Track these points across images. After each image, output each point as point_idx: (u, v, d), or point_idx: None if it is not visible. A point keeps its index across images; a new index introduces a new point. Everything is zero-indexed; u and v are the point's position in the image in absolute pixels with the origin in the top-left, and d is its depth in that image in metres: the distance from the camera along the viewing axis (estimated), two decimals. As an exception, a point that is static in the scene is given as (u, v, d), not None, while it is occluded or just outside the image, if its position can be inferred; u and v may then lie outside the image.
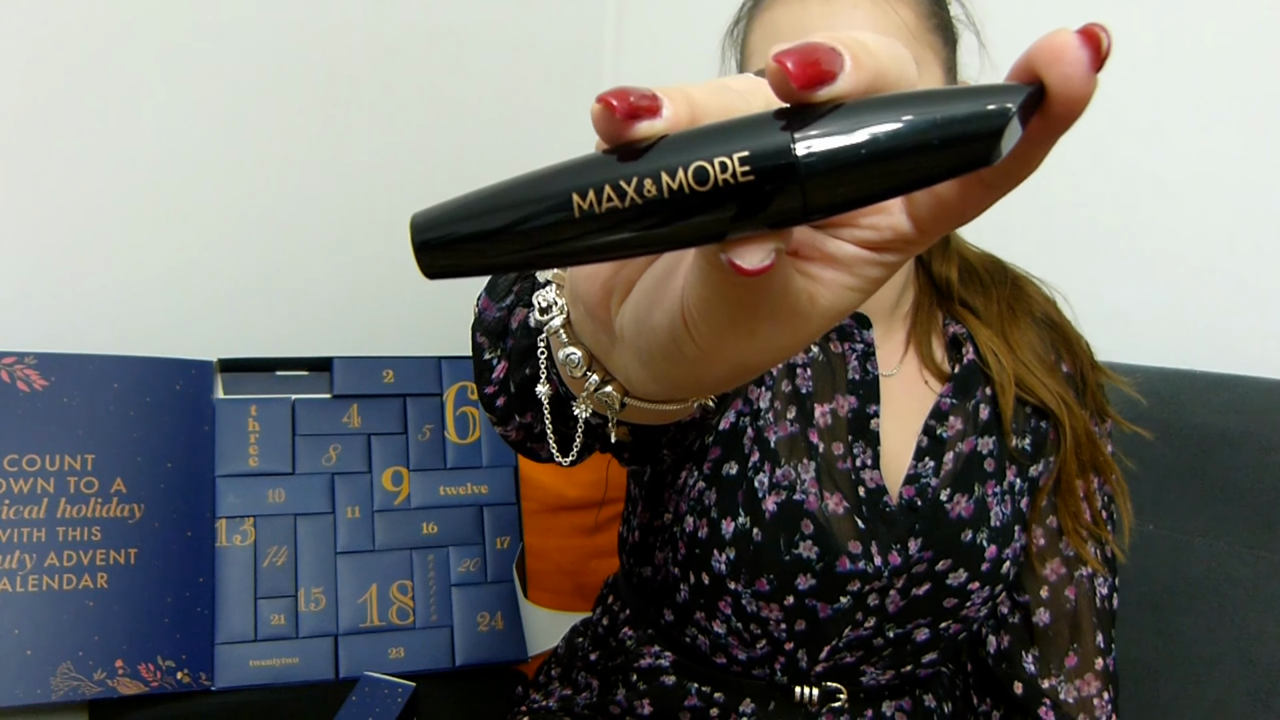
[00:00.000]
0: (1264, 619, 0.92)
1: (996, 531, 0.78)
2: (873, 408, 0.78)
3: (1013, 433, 0.81)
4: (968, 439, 0.79)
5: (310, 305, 1.35)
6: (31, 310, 1.12)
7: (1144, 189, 1.15)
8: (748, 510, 0.76)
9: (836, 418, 0.78)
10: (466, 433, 1.19)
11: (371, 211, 1.41)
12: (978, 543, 0.78)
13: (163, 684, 1.00)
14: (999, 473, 0.80)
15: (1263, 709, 0.90)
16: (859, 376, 0.79)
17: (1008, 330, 0.83)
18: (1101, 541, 0.86)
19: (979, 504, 0.78)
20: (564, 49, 1.60)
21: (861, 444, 0.78)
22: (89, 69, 1.13)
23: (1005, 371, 0.81)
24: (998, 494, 0.79)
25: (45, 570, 0.99)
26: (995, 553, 0.78)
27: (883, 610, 0.78)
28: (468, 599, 1.13)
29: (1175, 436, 0.98)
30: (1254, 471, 0.94)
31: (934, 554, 0.77)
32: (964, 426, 0.80)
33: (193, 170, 1.23)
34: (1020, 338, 0.83)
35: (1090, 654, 0.84)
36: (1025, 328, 0.84)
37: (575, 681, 0.93)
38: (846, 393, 0.78)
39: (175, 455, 1.08)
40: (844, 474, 0.77)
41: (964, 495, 0.78)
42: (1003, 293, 0.85)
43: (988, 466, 0.80)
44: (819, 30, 0.59)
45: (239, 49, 1.24)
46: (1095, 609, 0.85)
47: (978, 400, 0.81)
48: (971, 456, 0.79)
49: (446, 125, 1.46)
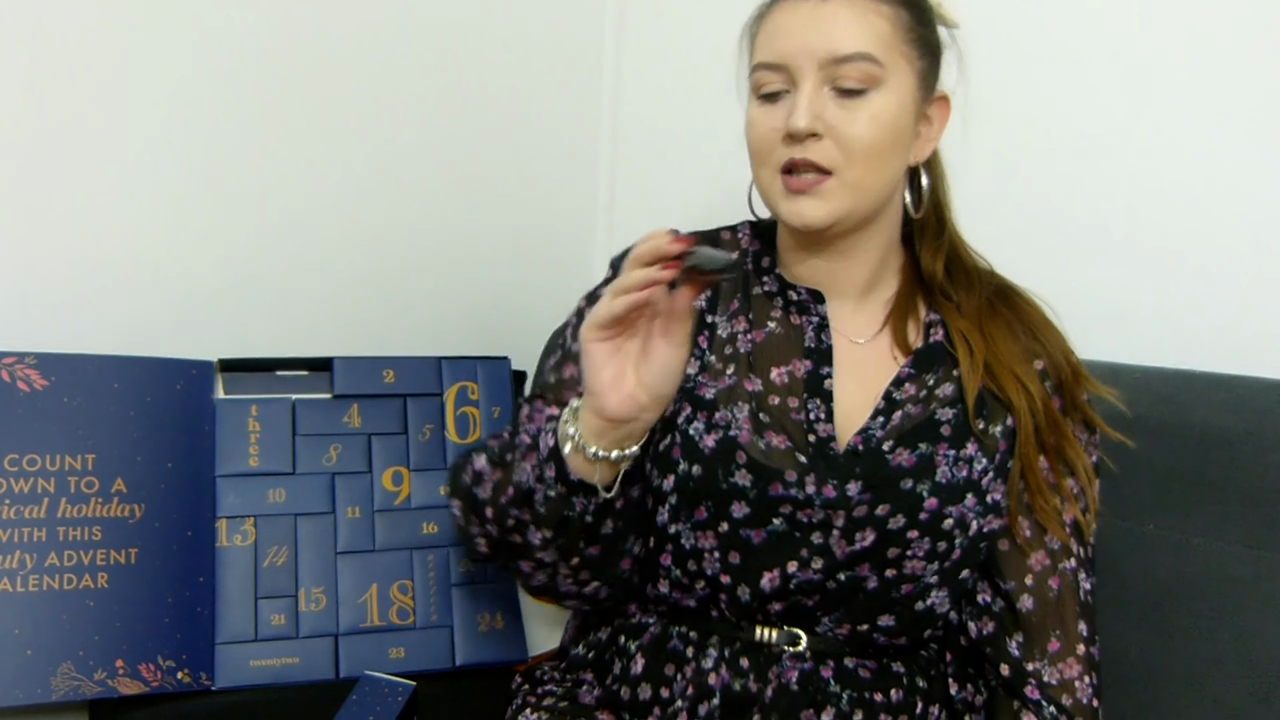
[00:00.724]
0: (1264, 619, 0.92)
1: (940, 487, 0.84)
2: (825, 369, 0.88)
3: (979, 416, 0.87)
4: (918, 405, 0.87)
5: (311, 305, 1.35)
6: (32, 310, 1.13)
7: (1144, 189, 1.15)
8: (686, 457, 0.86)
9: (793, 378, 0.88)
10: (467, 433, 1.19)
11: (372, 212, 1.41)
12: (917, 491, 0.84)
13: (163, 684, 1.00)
14: (955, 441, 0.86)
15: (1263, 709, 0.90)
16: (814, 345, 0.89)
17: (984, 323, 0.89)
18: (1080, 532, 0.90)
19: (923, 458, 0.85)
20: (564, 49, 1.60)
21: (816, 400, 0.87)
22: (89, 69, 1.13)
23: (975, 357, 0.87)
24: (949, 457, 0.85)
25: (46, 570, 0.99)
26: (936, 505, 0.84)
27: (828, 552, 0.85)
28: (468, 599, 1.13)
29: (1175, 436, 0.98)
30: (1254, 471, 0.94)
31: (873, 497, 0.84)
32: (917, 393, 0.87)
33: (193, 171, 1.23)
34: (995, 331, 0.89)
35: (1073, 640, 0.88)
36: (1002, 325, 0.90)
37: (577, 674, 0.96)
38: (803, 358, 0.89)
39: (176, 455, 1.08)
40: (796, 424, 0.86)
41: (907, 449, 0.85)
42: (985, 292, 0.92)
43: (943, 431, 0.86)
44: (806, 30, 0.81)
45: (239, 50, 1.24)
46: (1079, 600, 0.89)
47: (939, 376, 0.88)
48: (925, 421, 0.86)
49: (447, 125, 1.46)
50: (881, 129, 0.82)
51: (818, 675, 0.87)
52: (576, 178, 1.66)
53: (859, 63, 0.80)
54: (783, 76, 0.83)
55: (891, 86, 0.82)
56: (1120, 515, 1.01)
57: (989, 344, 0.88)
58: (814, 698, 0.86)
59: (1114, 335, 1.17)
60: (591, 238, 1.70)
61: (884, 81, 0.81)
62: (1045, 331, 0.91)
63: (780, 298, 0.92)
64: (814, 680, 0.87)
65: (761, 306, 0.92)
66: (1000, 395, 0.87)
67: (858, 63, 0.80)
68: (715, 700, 0.85)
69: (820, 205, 0.83)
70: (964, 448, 0.86)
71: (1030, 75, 1.23)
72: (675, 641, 0.90)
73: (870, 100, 0.81)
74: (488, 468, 0.88)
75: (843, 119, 0.81)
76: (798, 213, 0.83)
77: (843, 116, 0.81)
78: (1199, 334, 1.11)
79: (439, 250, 1.49)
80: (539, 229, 1.62)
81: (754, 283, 0.93)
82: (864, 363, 0.89)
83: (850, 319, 0.91)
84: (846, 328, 0.91)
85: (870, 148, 0.81)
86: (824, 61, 0.81)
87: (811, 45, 0.81)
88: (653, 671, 0.89)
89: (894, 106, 0.82)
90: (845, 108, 0.81)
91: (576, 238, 1.68)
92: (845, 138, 0.81)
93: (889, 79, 0.82)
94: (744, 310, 0.92)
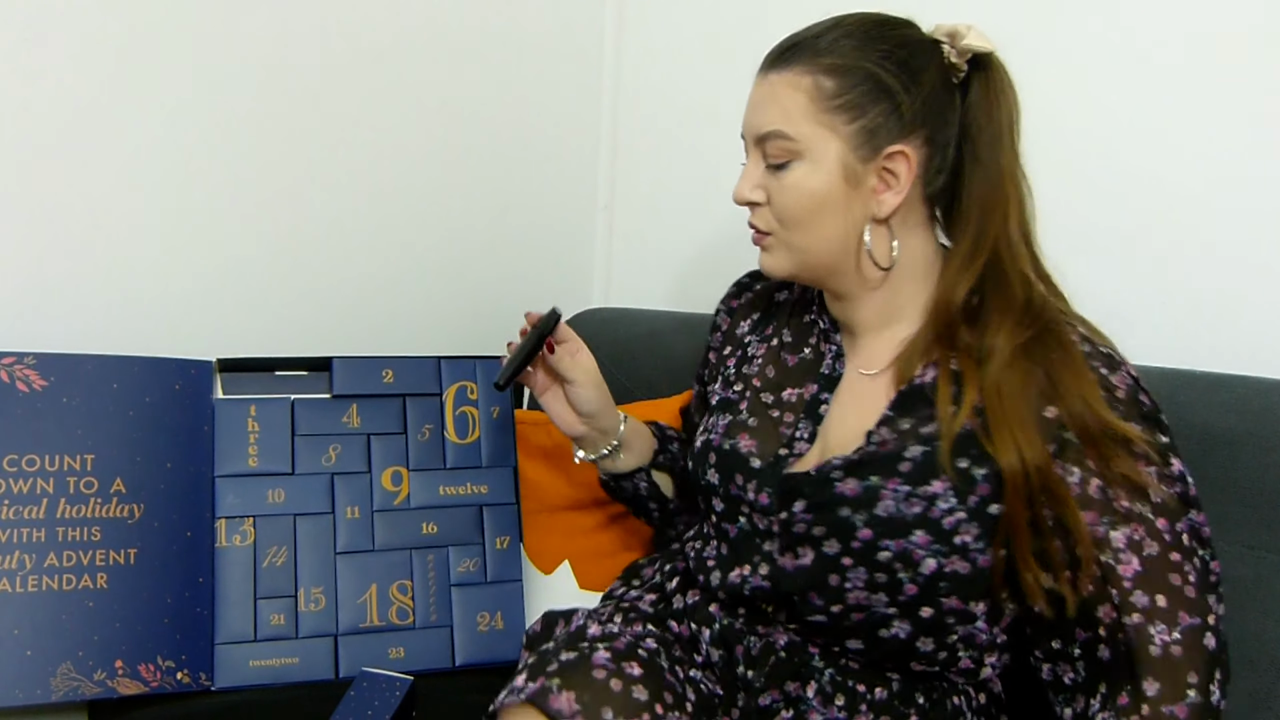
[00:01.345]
0: (1264, 619, 0.92)
1: (878, 519, 0.84)
2: (826, 395, 0.94)
3: (963, 455, 0.83)
4: (887, 444, 0.87)
5: (310, 305, 1.35)
6: (31, 311, 1.13)
7: (1144, 190, 1.15)
8: (690, 457, 1.02)
9: (800, 398, 0.96)
10: (466, 433, 1.19)
11: (371, 212, 1.41)
12: (853, 521, 0.85)
13: (163, 684, 1.00)
14: (915, 478, 0.84)
15: (1263, 709, 0.90)
16: (828, 371, 0.96)
17: (1002, 370, 0.84)
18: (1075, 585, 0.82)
19: (868, 490, 0.85)
20: (564, 49, 1.60)
21: (808, 421, 0.94)
22: (91, 71, 1.13)
23: (963, 400, 0.84)
24: (900, 493, 0.84)
25: (45, 570, 0.99)
26: (870, 536, 0.84)
27: (774, 562, 0.90)
28: (467, 599, 1.13)
29: (1175, 436, 0.98)
30: (1254, 471, 0.94)
31: (813, 518, 0.87)
32: (889, 436, 0.87)
33: (192, 171, 1.23)
34: (1010, 382, 0.83)
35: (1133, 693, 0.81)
36: (1020, 375, 0.83)
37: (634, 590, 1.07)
38: (814, 381, 0.96)
39: (175, 455, 1.08)
40: (779, 435, 0.94)
41: (855, 479, 0.86)
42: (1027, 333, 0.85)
43: (901, 468, 0.85)
44: (751, 107, 0.90)
45: (239, 52, 1.24)
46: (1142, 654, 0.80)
47: (916, 419, 0.87)
48: (885, 456, 0.86)
49: (447, 126, 1.47)
50: (803, 196, 0.87)
51: (805, 649, 0.90)
52: (576, 178, 1.66)
53: (773, 140, 0.87)
54: (747, 145, 0.92)
55: (810, 158, 0.86)
56: (1120, 515, 1.01)
57: (995, 395, 0.83)
58: (798, 670, 0.90)
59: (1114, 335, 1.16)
60: (591, 238, 1.70)
61: (802, 154, 0.87)
62: (1069, 378, 0.83)
63: (817, 325, 0.99)
64: (800, 653, 0.90)
65: (804, 332, 1.00)
66: (988, 446, 0.82)
67: (772, 140, 0.87)
68: (716, 627, 0.94)
69: (770, 259, 0.92)
70: (926, 485, 0.83)
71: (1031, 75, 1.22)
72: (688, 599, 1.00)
73: (791, 171, 0.87)
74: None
75: (774, 189, 0.88)
76: (760, 263, 0.94)
77: (774, 186, 0.88)
78: (1199, 334, 1.11)
79: (438, 250, 1.49)
80: (539, 229, 1.62)
81: (805, 311, 1.01)
82: (866, 395, 0.92)
83: (866, 351, 0.94)
84: (861, 358, 0.94)
85: (795, 215, 0.88)
86: (755, 138, 0.89)
87: (750, 122, 0.90)
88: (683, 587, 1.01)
89: (814, 175, 0.86)
90: (776, 178, 0.88)
91: (576, 238, 1.69)
92: (776, 206, 0.89)
93: (807, 150, 0.86)
94: (780, 334, 1.02)
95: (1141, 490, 0.81)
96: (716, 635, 0.94)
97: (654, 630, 0.96)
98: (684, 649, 0.96)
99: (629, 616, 0.98)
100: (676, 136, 1.60)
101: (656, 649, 0.91)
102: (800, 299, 1.02)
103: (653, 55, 1.61)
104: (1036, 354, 0.84)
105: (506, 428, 1.20)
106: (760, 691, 0.89)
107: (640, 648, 0.90)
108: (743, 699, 0.90)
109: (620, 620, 0.97)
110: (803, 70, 0.86)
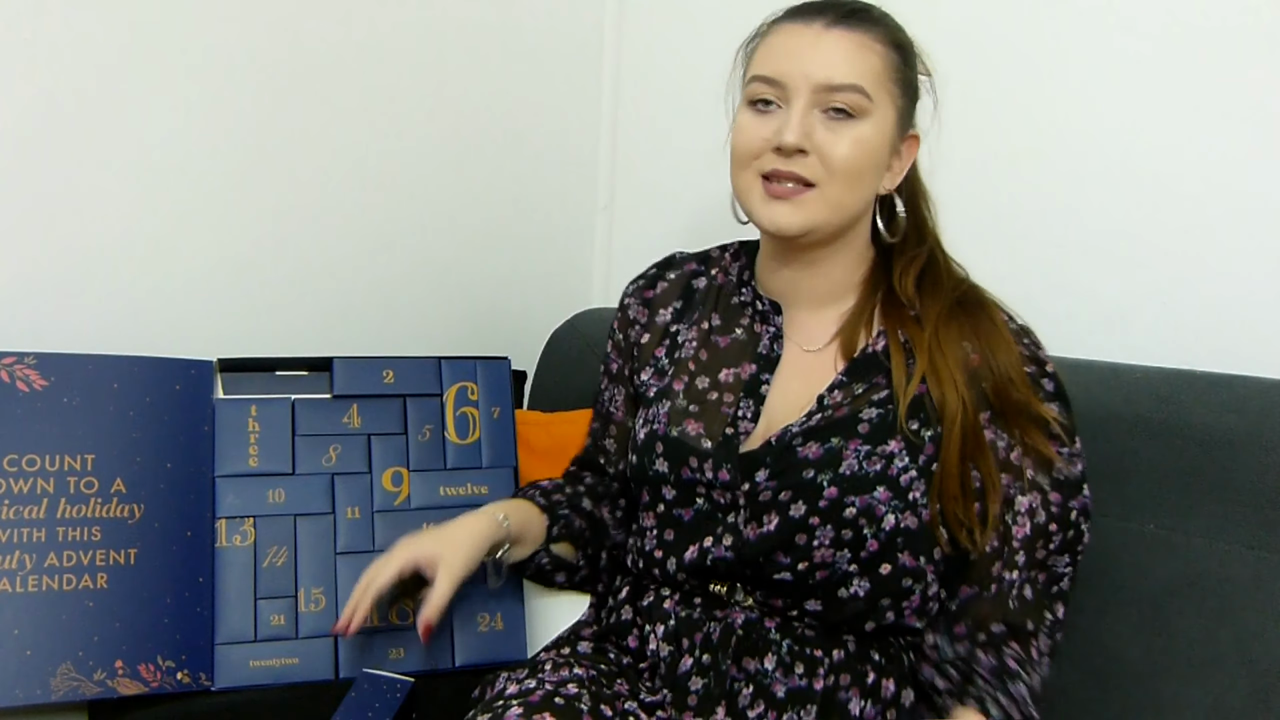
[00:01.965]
0: (1264, 619, 0.92)
1: (842, 477, 0.90)
2: (766, 375, 0.98)
3: (914, 418, 0.91)
4: (845, 408, 0.93)
5: (310, 305, 1.35)
6: (32, 310, 1.13)
7: (1144, 189, 1.15)
8: (632, 450, 1.03)
9: (738, 379, 0.98)
10: (466, 433, 1.19)
11: (372, 212, 1.41)
12: (818, 481, 0.90)
13: (163, 684, 1.00)
14: (873, 437, 0.91)
15: (1262, 709, 0.90)
16: (765, 352, 0.99)
17: (939, 328, 0.93)
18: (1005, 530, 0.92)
19: (830, 451, 0.91)
20: (564, 49, 1.60)
21: (749, 401, 0.97)
22: (91, 72, 1.14)
23: (916, 363, 0.93)
24: (861, 451, 0.91)
25: (45, 570, 0.99)
26: (836, 494, 0.90)
27: (738, 532, 0.93)
28: (468, 600, 1.13)
29: (1175, 436, 0.98)
30: (1254, 471, 0.94)
31: (778, 484, 0.91)
32: (843, 399, 0.94)
33: (193, 172, 1.23)
34: (946, 337, 0.93)
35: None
36: (954, 331, 0.94)
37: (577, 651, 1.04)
38: (752, 361, 0.99)
39: (175, 455, 1.08)
40: (723, 416, 0.96)
41: (817, 443, 0.92)
42: (950, 299, 0.96)
43: (860, 429, 0.92)
44: (806, 55, 0.89)
45: (241, 54, 1.24)
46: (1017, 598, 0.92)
47: (870, 385, 0.94)
48: (844, 419, 0.92)
49: (447, 126, 1.47)
50: (862, 153, 0.90)
51: (761, 625, 0.93)
52: (576, 178, 1.66)
53: (850, 93, 0.89)
54: (777, 91, 0.91)
55: (875, 118, 0.90)
56: (1120, 515, 1.01)
57: (936, 350, 0.92)
58: (756, 645, 0.92)
59: (1114, 335, 1.17)
60: (591, 238, 1.70)
61: (869, 113, 0.90)
62: (996, 342, 0.93)
63: (750, 307, 1.02)
64: (757, 629, 0.93)
65: (734, 314, 1.03)
66: (936, 399, 0.91)
67: (849, 93, 0.89)
68: (671, 623, 0.96)
69: (796, 213, 0.91)
70: (884, 444, 0.91)
71: (1031, 75, 1.23)
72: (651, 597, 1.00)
73: (856, 126, 0.89)
74: None
75: (829, 140, 0.89)
76: (773, 217, 0.92)
77: (829, 138, 0.89)
78: (1199, 334, 1.11)
79: (439, 251, 1.49)
80: (539, 229, 1.62)
81: (734, 293, 1.04)
82: (810, 369, 0.97)
83: (806, 327, 0.99)
84: (801, 335, 0.99)
85: (850, 168, 0.90)
86: (818, 86, 0.89)
87: (809, 70, 0.89)
88: (633, 596, 1.02)
89: (875, 136, 0.90)
90: (832, 130, 0.89)
91: (576, 238, 1.69)
92: (829, 157, 0.89)
93: (874, 111, 0.90)
94: (708, 318, 1.03)
95: (1047, 464, 0.91)
96: (671, 631, 0.96)
97: (582, 672, 0.94)
98: (627, 678, 0.96)
99: (557, 662, 0.97)
100: (676, 136, 1.60)
101: (577, 693, 0.90)
102: (725, 283, 1.05)
103: (653, 55, 1.61)
104: (962, 316, 0.94)
105: (507, 428, 1.20)
106: (722, 675, 0.92)
107: (559, 694, 0.89)
108: (700, 685, 0.93)
109: (549, 668, 0.95)
110: (876, 37, 0.91)
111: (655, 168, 1.63)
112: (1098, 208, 1.18)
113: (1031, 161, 1.22)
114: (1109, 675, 0.99)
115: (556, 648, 1.03)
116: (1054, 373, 0.94)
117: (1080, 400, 0.95)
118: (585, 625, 1.08)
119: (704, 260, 1.08)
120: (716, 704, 0.92)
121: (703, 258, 1.08)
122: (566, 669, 0.94)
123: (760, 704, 0.91)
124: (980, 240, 1.03)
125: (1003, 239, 1.23)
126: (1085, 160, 1.18)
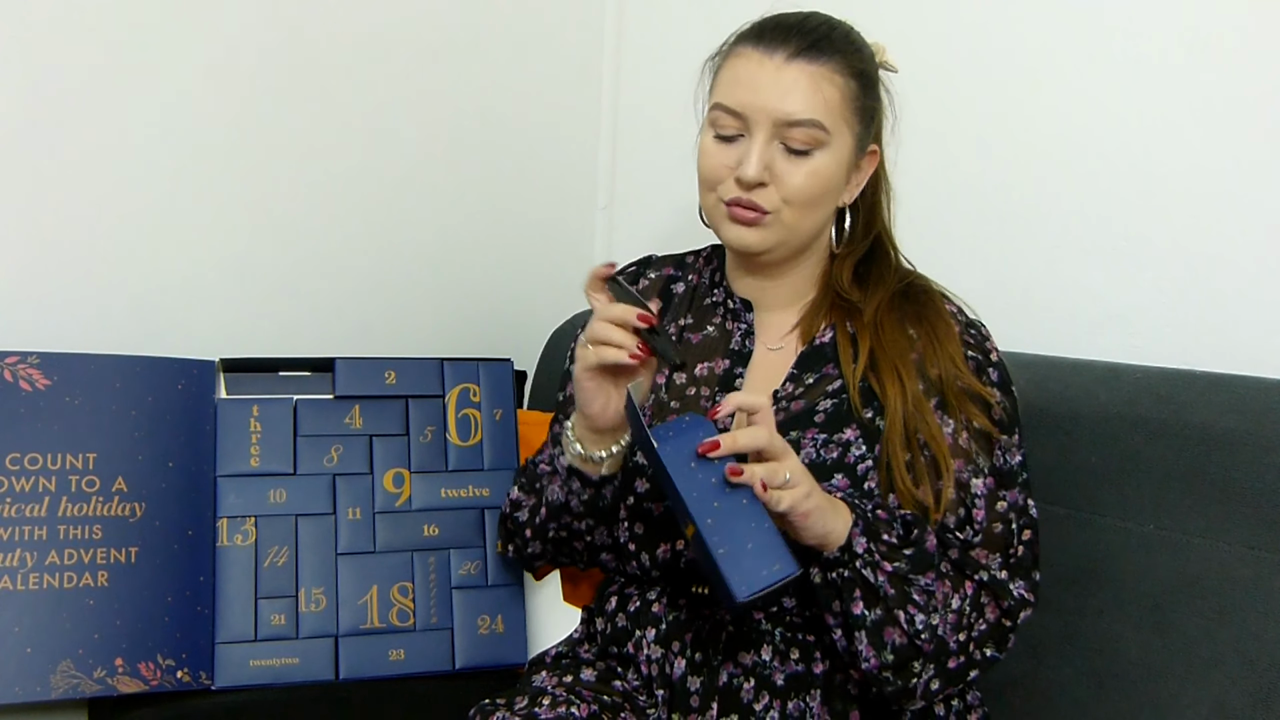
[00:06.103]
0: (1264, 619, 0.92)
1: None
2: (739, 370, 1.00)
3: (867, 406, 0.94)
4: (800, 400, 0.96)
5: (313, 306, 1.36)
6: (35, 310, 1.13)
7: (1144, 190, 1.15)
8: None
9: (712, 373, 1.01)
10: (468, 435, 1.19)
11: (374, 213, 1.41)
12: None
13: (162, 683, 1.00)
14: (830, 426, 0.94)
15: (1263, 709, 0.90)
16: (737, 348, 1.02)
17: (882, 317, 0.97)
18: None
19: (789, 444, 0.90)
20: (564, 49, 1.61)
21: (723, 394, 0.98)
22: (92, 71, 1.14)
23: (860, 350, 0.96)
24: (819, 440, 0.94)
25: (46, 568, 0.99)
26: None
27: None
28: (468, 601, 1.13)
29: (1175, 436, 0.98)
30: (1254, 471, 0.94)
31: None
32: (795, 391, 0.97)
33: (196, 172, 1.23)
34: (888, 325, 0.97)
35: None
36: (895, 320, 0.97)
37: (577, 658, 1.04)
38: (725, 357, 1.01)
39: (177, 455, 1.08)
40: (703, 409, 0.98)
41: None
42: (891, 290, 0.99)
43: (817, 419, 0.95)
44: (766, 88, 0.91)
45: (240, 52, 1.25)
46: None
47: (820, 375, 0.97)
48: (801, 413, 0.95)
49: (448, 127, 1.47)
50: (817, 182, 0.93)
51: (750, 617, 0.94)
52: (576, 178, 1.67)
53: (808, 128, 0.91)
54: (739, 124, 0.93)
55: (832, 148, 0.93)
56: (1120, 515, 1.01)
57: (876, 340, 0.96)
58: (749, 638, 0.94)
59: (1114, 335, 1.17)
60: (591, 238, 1.71)
61: (826, 144, 0.92)
62: (939, 328, 0.96)
63: (722, 306, 1.05)
64: (747, 623, 0.94)
65: (706, 313, 1.06)
66: (877, 388, 0.94)
67: (806, 128, 0.91)
68: (662, 627, 0.97)
69: (757, 235, 0.95)
70: (840, 432, 0.94)
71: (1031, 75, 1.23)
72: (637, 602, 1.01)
73: (813, 158, 0.92)
74: (522, 495, 1.06)
75: (787, 171, 0.92)
76: (739, 238, 0.95)
77: (787, 169, 0.92)
78: (1199, 334, 1.11)
79: (441, 252, 1.49)
80: (539, 230, 1.62)
81: (706, 294, 1.07)
82: (774, 366, 1.00)
83: (771, 327, 1.03)
84: (767, 335, 1.02)
85: (807, 198, 0.93)
86: (777, 121, 0.91)
87: (768, 104, 0.91)
88: (621, 605, 1.02)
89: (831, 164, 0.93)
90: (790, 162, 0.92)
91: (576, 239, 1.69)
92: (786, 188, 0.92)
93: (831, 141, 0.93)
94: (683, 316, 1.06)
95: (989, 442, 0.94)
96: (662, 635, 0.96)
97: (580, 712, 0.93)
98: (632, 706, 0.96)
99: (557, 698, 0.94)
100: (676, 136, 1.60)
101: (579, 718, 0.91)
102: (698, 284, 1.08)
103: (653, 55, 1.61)
104: (904, 304, 0.98)
105: (509, 430, 1.20)
106: (717, 670, 0.93)
107: None
108: (698, 685, 0.93)
109: (547, 703, 0.93)
110: (836, 68, 0.93)
111: (655, 168, 1.63)
112: (1098, 208, 1.18)
113: (1032, 162, 1.22)
114: (1109, 675, 0.99)
115: (558, 671, 1.00)
116: (1000, 363, 0.97)
117: (1080, 400, 0.95)
118: (579, 643, 1.06)
119: (680, 265, 1.11)
120: (713, 700, 0.92)
121: (678, 262, 1.11)
122: (565, 706, 0.92)
123: (765, 695, 0.92)
124: (980, 240, 1.03)
125: (1003, 239, 1.24)
126: (1086, 160, 1.18)
